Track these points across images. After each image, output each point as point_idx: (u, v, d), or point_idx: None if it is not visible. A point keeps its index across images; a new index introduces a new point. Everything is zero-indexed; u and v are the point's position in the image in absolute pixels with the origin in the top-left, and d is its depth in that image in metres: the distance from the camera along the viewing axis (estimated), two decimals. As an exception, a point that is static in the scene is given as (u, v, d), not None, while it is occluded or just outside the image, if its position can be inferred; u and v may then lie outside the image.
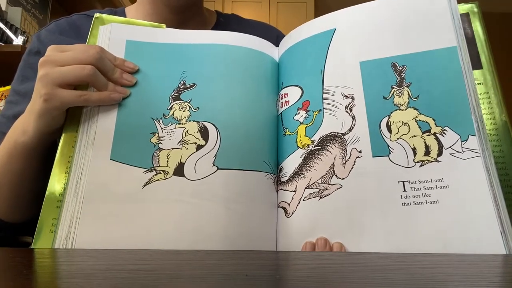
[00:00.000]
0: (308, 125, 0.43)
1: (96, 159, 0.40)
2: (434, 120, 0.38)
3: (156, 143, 0.41)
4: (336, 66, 0.44)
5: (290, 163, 0.43)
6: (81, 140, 0.41)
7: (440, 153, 0.37)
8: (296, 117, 0.44)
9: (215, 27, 0.69)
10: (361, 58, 0.43)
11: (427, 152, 0.38)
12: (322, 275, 0.23)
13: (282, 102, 0.47)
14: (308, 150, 0.42)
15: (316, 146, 0.42)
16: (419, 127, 0.39)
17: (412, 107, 0.40)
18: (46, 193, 0.40)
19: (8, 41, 1.40)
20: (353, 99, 0.42)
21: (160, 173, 0.40)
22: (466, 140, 0.37)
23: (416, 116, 0.39)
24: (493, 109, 0.42)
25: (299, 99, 0.45)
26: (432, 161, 0.37)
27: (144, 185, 0.39)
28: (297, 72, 0.47)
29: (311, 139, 0.42)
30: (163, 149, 0.41)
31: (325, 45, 0.45)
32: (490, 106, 0.42)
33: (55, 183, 0.40)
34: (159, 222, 0.38)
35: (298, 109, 0.45)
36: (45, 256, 0.32)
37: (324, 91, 0.44)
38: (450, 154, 0.37)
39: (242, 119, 0.44)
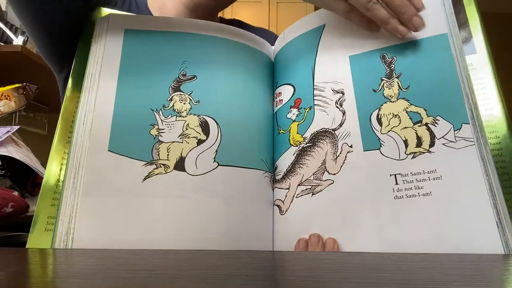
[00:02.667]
0: (300, 122, 0.43)
1: (94, 150, 0.39)
2: (425, 110, 0.38)
3: (156, 135, 0.40)
4: (326, 62, 0.44)
5: (284, 161, 0.43)
6: (77, 131, 0.39)
7: (432, 144, 0.36)
8: (288, 115, 0.45)
9: None
10: (350, 52, 0.43)
11: (419, 143, 0.37)
12: (322, 275, 0.23)
13: (276, 101, 0.47)
14: (300, 148, 0.42)
15: (308, 143, 0.42)
16: (410, 118, 0.38)
17: (403, 98, 0.39)
18: (41, 191, 0.39)
19: (8, 41, 1.40)
20: (343, 94, 0.42)
21: (161, 166, 0.39)
22: (460, 128, 0.36)
23: (407, 107, 0.38)
24: (487, 95, 0.40)
25: (291, 97, 0.45)
26: (424, 152, 0.37)
27: (144, 179, 0.38)
28: (289, 71, 0.47)
29: (303, 136, 0.42)
30: (163, 142, 0.40)
31: (315, 41, 0.45)
32: (484, 92, 0.41)
33: (50, 179, 0.40)
34: (160, 217, 0.38)
35: (290, 107, 0.45)
36: (44, 256, 0.32)
37: (314, 87, 0.43)
38: (442, 144, 0.36)
39: (241, 116, 0.44)
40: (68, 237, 0.35)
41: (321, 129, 0.42)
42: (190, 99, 0.42)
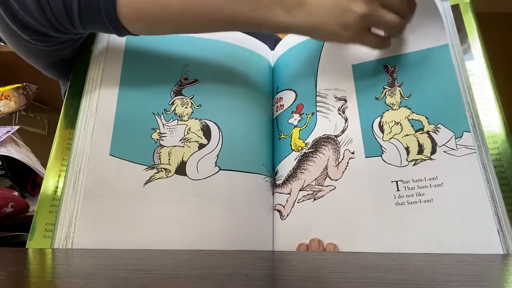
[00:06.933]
0: (302, 128, 0.43)
1: (95, 154, 0.38)
2: (427, 118, 0.38)
3: (157, 139, 0.40)
4: (329, 70, 0.44)
5: (285, 166, 0.43)
6: (78, 136, 0.39)
7: (433, 151, 0.37)
8: (290, 121, 0.45)
9: None
10: (353, 61, 0.43)
11: (420, 150, 0.37)
12: (322, 275, 0.23)
13: (277, 106, 0.47)
14: (302, 153, 0.42)
15: (310, 148, 0.42)
16: (412, 126, 0.38)
17: (404, 106, 0.39)
18: (39, 197, 0.38)
19: (8, 41, 1.39)
20: (345, 101, 0.42)
21: (162, 171, 0.39)
22: (461, 137, 0.36)
23: (409, 115, 0.39)
24: (485, 100, 0.41)
25: (293, 103, 0.45)
26: (425, 160, 0.37)
27: (145, 183, 0.38)
28: (291, 77, 0.47)
29: (305, 141, 0.42)
30: (164, 146, 0.40)
31: (318, 49, 0.46)
32: (482, 97, 0.41)
33: (48, 186, 0.39)
34: (161, 222, 0.37)
35: (292, 113, 0.45)
36: (44, 256, 0.32)
37: (317, 94, 0.44)
38: (444, 151, 0.36)
39: (242, 120, 0.44)
40: (68, 241, 0.35)
41: (324, 135, 0.42)
42: (191, 103, 0.42)
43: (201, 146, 0.41)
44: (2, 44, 1.39)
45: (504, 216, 0.33)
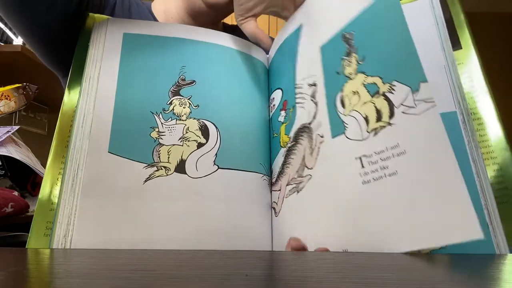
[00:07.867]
0: (286, 123, 0.43)
1: (93, 151, 0.38)
2: (381, 78, 0.33)
3: (156, 138, 0.40)
4: (304, 60, 0.43)
5: (277, 164, 0.44)
6: (76, 133, 0.39)
7: (392, 115, 0.31)
8: (279, 119, 0.45)
9: None
10: (320, 42, 0.41)
11: (379, 117, 0.33)
12: (322, 275, 0.23)
13: (271, 106, 0.48)
14: (287, 148, 0.42)
15: (292, 142, 0.42)
16: (368, 91, 0.34)
17: (360, 72, 0.35)
18: (39, 195, 0.39)
19: (8, 41, 1.40)
20: (315, 85, 0.40)
21: (161, 169, 0.39)
22: (418, 90, 0.30)
23: (364, 80, 0.35)
24: (474, 88, 0.38)
25: (280, 101, 0.46)
26: (385, 126, 0.32)
27: (145, 181, 0.38)
28: (278, 75, 0.48)
29: (289, 136, 0.42)
30: (163, 144, 0.40)
31: (296, 43, 0.45)
32: (471, 85, 0.39)
33: (48, 185, 0.39)
34: (161, 219, 0.38)
35: (280, 110, 0.45)
36: (44, 256, 0.32)
37: (295, 86, 0.43)
38: (402, 112, 0.31)
39: (239, 120, 0.44)
40: (66, 239, 0.35)
41: (301, 125, 0.41)
42: (189, 103, 0.42)
43: (200, 145, 0.41)
44: (2, 44, 1.39)
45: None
